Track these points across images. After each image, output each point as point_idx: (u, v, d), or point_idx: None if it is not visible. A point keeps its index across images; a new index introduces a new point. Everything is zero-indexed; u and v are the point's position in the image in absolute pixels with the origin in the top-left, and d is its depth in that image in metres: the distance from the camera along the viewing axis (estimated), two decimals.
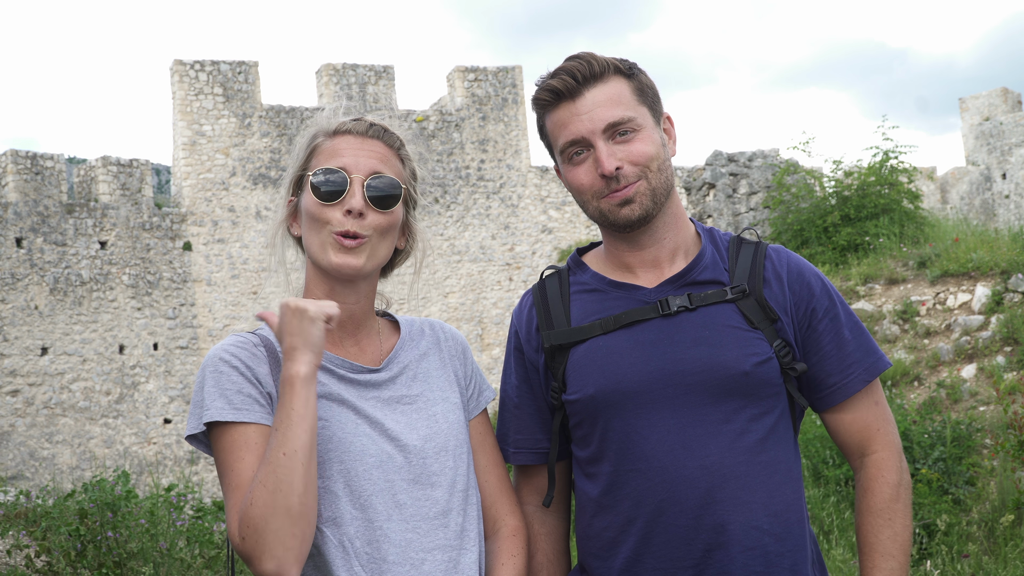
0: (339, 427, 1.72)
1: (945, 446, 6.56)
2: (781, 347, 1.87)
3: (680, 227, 1.95)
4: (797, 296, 1.91)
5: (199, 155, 19.23)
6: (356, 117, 1.85)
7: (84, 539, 5.54)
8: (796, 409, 1.94)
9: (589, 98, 1.87)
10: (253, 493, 1.59)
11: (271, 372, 1.73)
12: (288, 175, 1.87)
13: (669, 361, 1.84)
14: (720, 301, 1.87)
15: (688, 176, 15.12)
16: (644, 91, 1.91)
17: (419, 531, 1.73)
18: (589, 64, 1.88)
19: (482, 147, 21.49)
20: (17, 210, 17.29)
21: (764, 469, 1.84)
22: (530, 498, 2.01)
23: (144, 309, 18.26)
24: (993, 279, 9.23)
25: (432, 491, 1.76)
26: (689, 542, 1.81)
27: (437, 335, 1.94)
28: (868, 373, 1.92)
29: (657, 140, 1.90)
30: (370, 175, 1.78)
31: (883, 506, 1.90)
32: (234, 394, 1.68)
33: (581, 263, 2.01)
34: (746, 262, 1.91)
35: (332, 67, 20.34)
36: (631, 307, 1.89)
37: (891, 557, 1.87)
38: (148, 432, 18.09)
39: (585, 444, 1.92)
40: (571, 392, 1.90)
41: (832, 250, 11.70)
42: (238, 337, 1.77)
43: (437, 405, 1.83)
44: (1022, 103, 31.12)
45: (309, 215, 1.78)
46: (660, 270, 1.93)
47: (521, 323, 2.01)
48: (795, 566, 1.84)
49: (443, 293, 20.91)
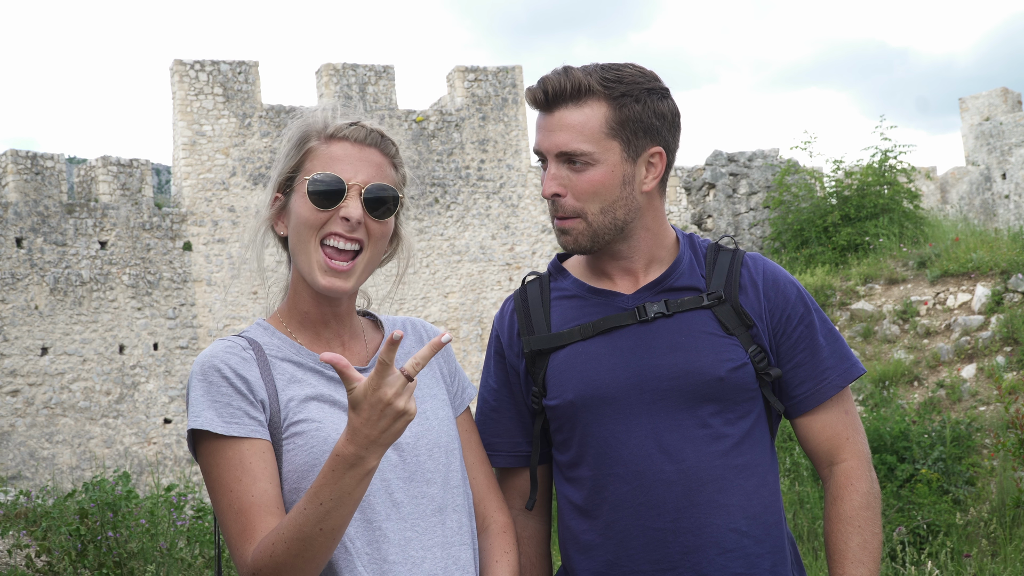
0: (333, 428, 1.71)
1: (945, 446, 6.56)
2: (756, 352, 1.89)
3: (654, 240, 1.95)
4: (772, 303, 1.92)
5: (199, 155, 19.23)
6: (353, 121, 1.82)
7: (84, 539, 5.55)
8: (772, 414, 1.96)
9: (556, 117, 1.85)
10: (275, 548, 1.57)
11: (261, 376, 1.72)
12: (276, 171, 1.83)
13: (646, 367, 1.86)
14: (696, 307, 1.89)
15: (688, 176, 15.12)
16: (625, 124, 1.84)
17: (417, 529, 1.73)
18: (568, 82, 1.84)
19: (482, 147, 21.50)
20: (17, 210, 17.29)
21: (741, 473, 1.86)
22: (511, 501, 2.02)
23: (144, 309, 18.27)
24: (993, 279, 9.23)
25: (428, 488, 1.76)
26: (667, 545, 1.83)
27: (420, 333, 1.94)
28: (841, 379, 1.93)
29: (614, 179, 1.85)
30: (367, 185, 1.77)
31: (853, 514, 1.90)
32: (223, 406, 1.67)
33: (562, 269, 2.02)
34: (723, 269, 1.93)
35: (332, 67, 20.34)
36: (609, 313, 1.91)
37: (861, 564, 1.88)
38: (148, 432, 18.10)
39: (565, 448, 1.94)
40: (551, 397, 1.92)
41: (832, 250, 11.70)
42: (226, 342, 1.75)
43: (426, 403, 1.83)
44: (1022, 103, 31.14)
45: (301, 220, 1.76)
46: (636, 277, 1.94)
47: (503, 328, 2.03)
48: (775, 567, 1.87)
49: (443, 293, 20.91)
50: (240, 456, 1.66)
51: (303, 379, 1.76)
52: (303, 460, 1.69)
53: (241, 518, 1.63)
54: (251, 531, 1.63)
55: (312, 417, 1.72)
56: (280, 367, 1.75)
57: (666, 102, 1.89)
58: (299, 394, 1.73)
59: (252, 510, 1.63)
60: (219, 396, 1.68)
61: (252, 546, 1.62)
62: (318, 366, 1.78)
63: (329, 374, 1.78)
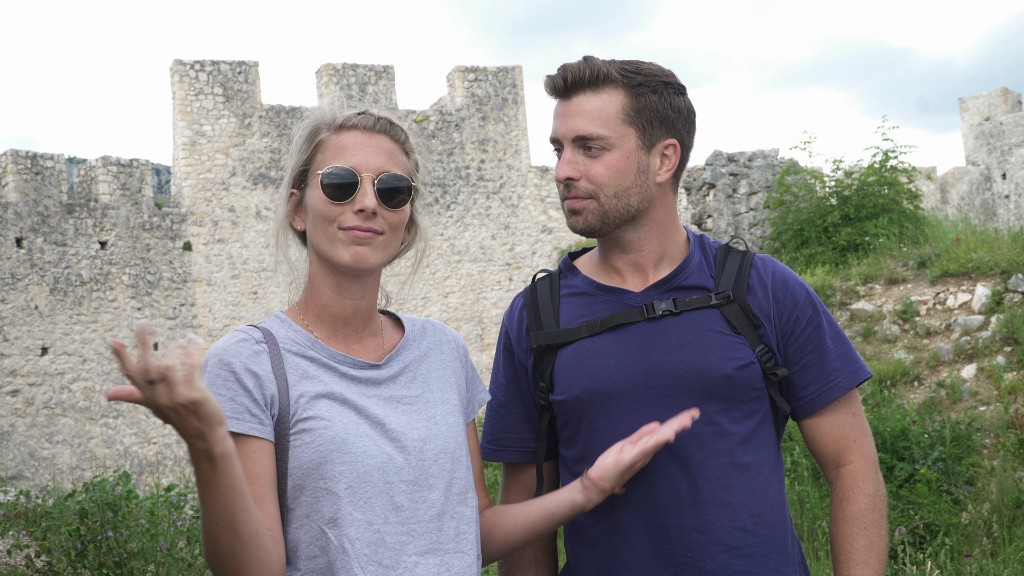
0: (341, 428, 1.71)
1: (945, 446, 6.56)
2: (763, 352, 1.89)
3: (665, 235, 1.96)
4: (781, 304, 1.93)
5: (199, 155, 19.23)
6: (361, 111, 1.82)
7: (84, 539, 5.54)
8: (779, 414, 1.96)
9: (574, 103, 1.89)
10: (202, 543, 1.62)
11: (273, 370, 1.72)
12: (290, 168, 1.84)
13: (653, 363, 1.87)
14: (705, 306, 1.90)
15: (688, 176, 15.11)
16: (642, 112, 1.88)
17: (413, 534, 1.73)
18: (583, 70, 1.89)
19: (482, 147, 21.49)
20: (17, 210, 17.29)
21: (746, 471, 1.86)
22: (517, 496, 2.03)
23: (144, 309, 18.27)
24: (993, 279, 9.23)
25: (429, 494, 1.75)
26: (671, 541, 1.84)
27: (439, 337, 1.93)
28: (848, 381, 1.94)
29: (629, 165, 1.88)
30: (380, 173, 1.77)
31: (859, 515, 1.91)
32: (226, 400, 1.67)
33: (572, 267, 2.04)
34: (732, 270, 1.94)
35: (332, 67, 20.34)
36: (618, 310, 1.92)
37: (866, 565, 1.88)
38: (148, 432, 18.10)
39: (572, 444, 1.95)
40: (558, 393, 1.93)
41: (832, 250, 11.70)
42: (240, 333, 1.75)
43: (437, 407, 1.83)
44: (1022, 103, 31.13)
45: (317, 213, 1.77)
46: (646, 274, 1.95)
47: (512, 324, 2.04)
48: (780, 567, 1.87)
49: (443, 293, 20.91)
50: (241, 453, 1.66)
51: (316, 375, 1.75)
52: (308, 458, 1.69)
53: None
54: None
55: (321, 415, 1.71)
56: (293, 362, 1.75)
57: (682, 98, 1.93)
58: (310, 391, 1.73)
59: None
60: (223, 391, 1.68)
61: None
62: (331, 361, 1.78)
63: (342, 369, 1.78)
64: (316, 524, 1.69)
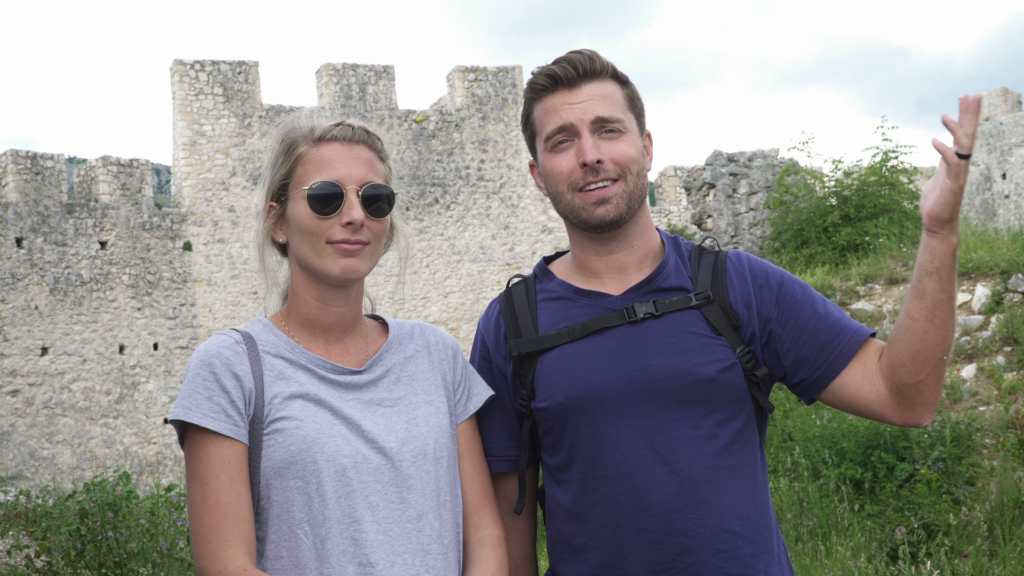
0: (313, 427, 1.72)
1: (945, 446, 6.55)
2: (744, 353, 1.88)
3: (649, 235, 1.98)
4: (765, 289, 1.92)
5: (199, 155, 19.23)
6: (338, 122, 1.83)
7: (84, 539, 5.55)
8: (762, 414, 1.95)
9: (585, 90, 1.91)
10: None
11: (251, 370, 1.74)
12: (267, 180, 1.83)
13: (636, 368, 1.86)
14: (685, 308, 1.89)
15: (688, 176, 15.12)
16: (634, 101, 1.97)
17: (390, 534, 1.73)
18: (591, 60, 1.92)
19: (482, 147, 21.49)
20: (17, 210, 17.29)
21: (733, 473, 1.86)
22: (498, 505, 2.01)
23: (144, 309, 18.27)
24: (993, 279, 9.23)
25: (408, 494, 1.75)
26: (660, 546, 1.82)
27: (427, 338, 1.93)
28: (858, 335, 1.89)
29: (640, 147, 1.94)
30: (364, 184, 1.78)
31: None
32: (204, 400, 1.69)
33: (547, 271, 2.03)
34: (708, 270, 1.94)
35: (332, 67, 20.34)
36: (598, 314, 1.91)
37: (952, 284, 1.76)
38: (148, 432, 18.10)
39: (555, 451, 1.93)
40: (540, 400, 1.92)
41: (832, 250, 11.70)
42: (220, 336, 1.78)
43: (419, 408, 1.83)
44: (1022, 103, 31.13)
45: (304, 228, 1.77)
46: (626, 276, 1.95)
47: (489, 331, 2.02)
48: (768, 568, 1.87)
49: (443, 293, 20.91)
50: (221, 452, 1.68)
51: (292, 376, 1.76)
52: (280, 457, 1.70)
53: (215, 513, 1.66)
54: (225, 532, 1.65)
55: (294, 415, 1.72)
56: (270, 362, 1.76)
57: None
58: (284, 391, 1.74)
59: (228, 510, 1.66)
60: (201, 389, 1.70)
61: (226, 547, 1.65)
62: (310, 365, 1.79)
63: (320, 372, 1.78)
64: (286, 524, 1.70)
